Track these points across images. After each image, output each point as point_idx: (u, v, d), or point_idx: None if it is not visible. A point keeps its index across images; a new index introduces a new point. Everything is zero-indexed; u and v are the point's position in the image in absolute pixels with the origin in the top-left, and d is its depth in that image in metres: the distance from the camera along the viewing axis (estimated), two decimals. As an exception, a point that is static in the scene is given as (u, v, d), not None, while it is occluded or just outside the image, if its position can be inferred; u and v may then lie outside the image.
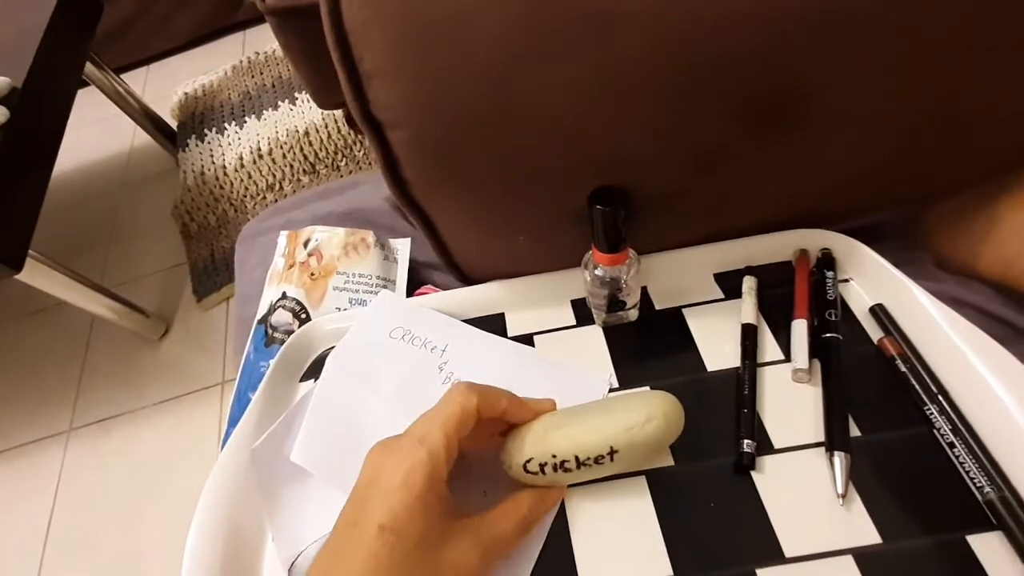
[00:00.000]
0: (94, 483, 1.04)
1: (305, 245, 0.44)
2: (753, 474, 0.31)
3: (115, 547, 0.96)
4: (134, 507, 0.99)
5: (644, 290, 0.40)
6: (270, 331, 0.42)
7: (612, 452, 0.28)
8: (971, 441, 0.29)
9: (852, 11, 0.26)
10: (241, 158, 1.37)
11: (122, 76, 1.35)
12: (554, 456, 0.29)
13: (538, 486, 0.30)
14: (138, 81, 1.71)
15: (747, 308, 0.37)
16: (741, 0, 0.25)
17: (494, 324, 0.40)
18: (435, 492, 0.26)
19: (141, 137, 1.52)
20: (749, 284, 0.38)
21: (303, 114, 1.42)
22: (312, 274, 0.42)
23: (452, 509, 0.27)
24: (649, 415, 0.29)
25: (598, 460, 0.29)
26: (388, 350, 0.38)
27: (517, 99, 0.28)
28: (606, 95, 0.28)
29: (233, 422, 0.39)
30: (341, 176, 1.29)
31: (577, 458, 0.29)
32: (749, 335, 0.36)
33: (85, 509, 1.01)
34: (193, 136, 1.47)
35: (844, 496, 0.29)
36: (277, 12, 0.66)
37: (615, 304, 0.37)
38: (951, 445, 0.30)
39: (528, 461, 0.29)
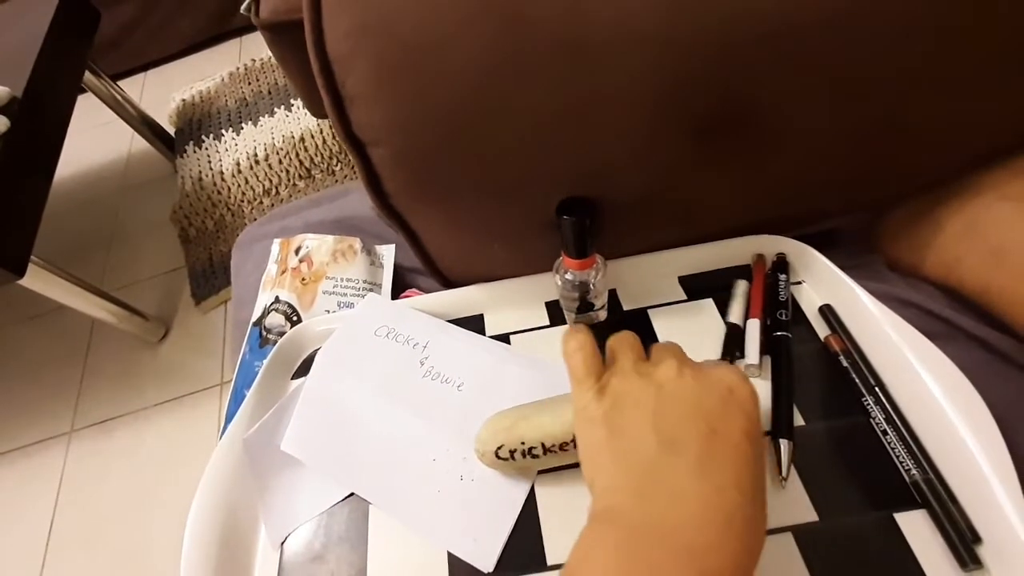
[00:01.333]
0: (96, 484, 1.06)
1: (296, 252, 0.46)
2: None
3: (117, 547, 0.98)
4: (135, 507, 1.01)
5: (613, 292, 0.43)
6: (264, 333, 0.45)
7: (575, 440, 0.31)
8: (902, 428, 0.32)
9: (798, 38, 0.29)
10: (238, 163, 1.40)
11: (120, 83, 1.37)
12: (523, 443, 0.32)
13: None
14: (136, 87, 1.74)
15: (735, 309, 0.39)
16: (700, 26, 0.28)
17: (474, 324, 0.43)
18: None
19: (139, 143, 1.54)
20: (741, 288, 0.40)
21: (299, 120, 1.44)
22: (303, 279, 0.45)
23: None
24: None
25: (563, 447, 0.31)
26: (373, 347, 0.41)
27: (490, 119, 0.31)
28: (575, 113, 0.31)
29: (230, 417, 0.42)
30: (336, 180, 1.32)
31: (543, 445, 0.31)
32: (734, 336, 0.38)
33: (87, 509, 1.03)
34: (191, 142, 1.49)
35: (786, 479, 0.32)
36: (270, 27, 0.68)
37: (585, 305, 0.40)
38: (884, 432, 0.32)
39: (499, 448, 0.32)
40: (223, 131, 1.49)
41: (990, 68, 0.32)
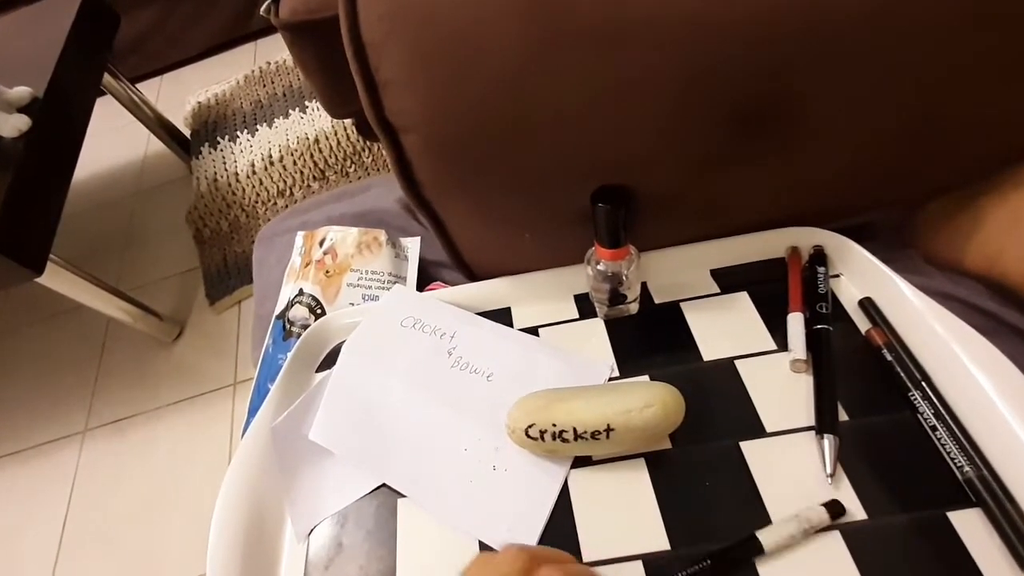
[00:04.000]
0: (109, 483, 1.06)
1: (321, 244, 0.46)
2: (747, 456, 0.32)
3: (129, 546, 0.97)
4: (148, 506, 1.01)
5: (644, 285, 0.42)
6: (288, 326, 0.44)
7: (608, 430, 0.30)
8: (952, 424, 0.31)
9: (841, 29, 0.28)
10: (253, 165, 1.40)
11: (137, 85, 1.39)
12: (554, 425, 0.31)
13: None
14: (152, 90, 1.75)
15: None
16: (738, 12, 0.28)
17: (501, 318, 0.42)
18: None
19: (155, 145, 1.55)
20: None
21: (313, 122, 1.45)
22: (327, 272, 0.45)
23: None
24: (648, 402, 0.31)
25: (595, 435, 0.31)
26: (399, 337, 0.40)
27: (525, 105, 0.31)
28: (610, 101, 0.30)
29: (253, 411, 0.41)
30: (350, 181, 1.32)
31: (575, 430, 0.31)
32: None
33: (100, 508, 1.03)
34: (206, 144, 1.50)
35: (832, 476, 0.31)
36: (291, 27, 0.69)
37: (616, 298, 0.39)
38: (933, 428, 0.31)
39: (530, 427, 0.31)
40: (238, 133, 1.50)
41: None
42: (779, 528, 0.29)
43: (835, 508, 0.29)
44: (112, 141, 1.59)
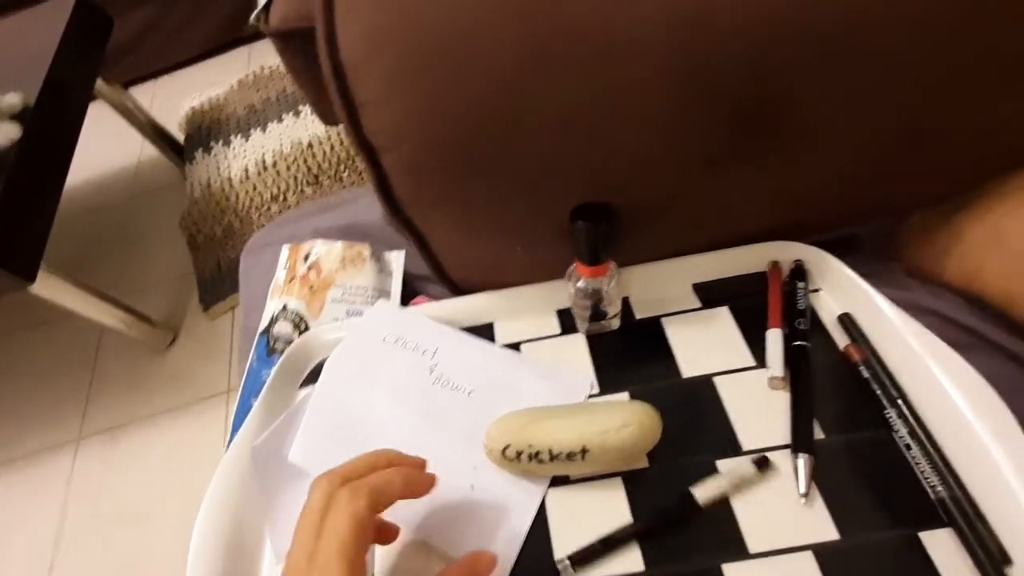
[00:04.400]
0: (103, 490, 1.06)
1: (305, 259, 0.46)
2: (721, 474, 0.33)
3: (124, 553, 0.97)
4: (143, 513, 1.01)
5: (625, 300, 0.42)
6: (272, 342, 0.44)
7: (584, 451, 0.30)
8: (926, 443, 0.31)
9: (837, 36, 0.28)
10: (246, 170, 1.40)
11: (130, 90, 1.39)
12: (530, 446, 0.31)
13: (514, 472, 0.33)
14: (146, 95, 1.75)
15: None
16: (732, 17, 0.27)
17: (484, 333, 0.42)
18: None
19: (149, 150, 1.55)
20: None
21: (306, 127, 1.45)
22: (311, 287, 0.45)
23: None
24: (625, 422, 0.31)
25: (570, 456, 0.31)
26: (382, 354, 0.40)
27: (512, 114, 0.30)
28: (601, 105, 0.30)
29: (237, 427, 0.42)
30: (344, 186, 1.32)
31: (551, 451, 0.31)
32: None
33: (95, 516, 1.03)
34: (200, 149, 1.50)
35: (807, 495, 0.31)
36: (280, 34, 0.69)
37: (597, 314, 0.39)
38: (908, 447, 0.31)
39: (506, 447, 0.32)
40: (232, 138, 1.49)
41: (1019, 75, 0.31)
42: (710, 484, 0.31)
43: (762, 463, 0.32)
44: (105, 146, 1.59)
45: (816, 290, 0.40)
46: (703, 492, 0.31)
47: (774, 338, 0.37)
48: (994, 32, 0.29)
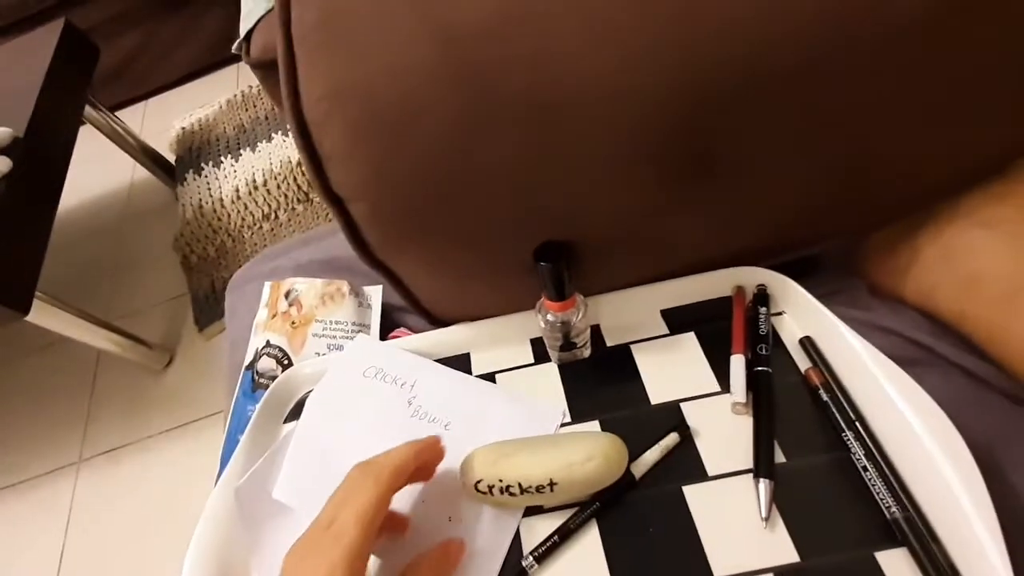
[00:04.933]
0: (105, 513, 1.07)
1: (287, 296, 0.47)
2: (688, 500, 0.34)
3: (128, 574, 0.99)
4: (146, 534, 1.02)
5: (596, 328, 0.43)
6: (256, 377, 0.46)
7: (552, 484, 0.32)
8: (882, 464, 0.32)
9: (761, 88, 0.29)
10: (237, 190, 1.42)
11: (120, 112, 1.40)
12: (500, 480, 0.32)
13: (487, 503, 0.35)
14: (136, 116, 1.76)
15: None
16: (665, 84, 0.29)
17: (460, 363, 0.44)
18: None
19: (140, 172, 1.57)
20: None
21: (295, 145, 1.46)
22: (293, 323, 0.46)
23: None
24: (590, 455, 0.32)
25: (539, 489, 0.32)
26: (362, 389, 0.41)
27: (460, 178, 0.32)
28: (544, 170, 0.32)
29: (224, 463, 0.43)
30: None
31: (520, 485, 0.32)
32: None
33: (97, 539, 1.04)
34: (191, 170, 1.52)
35: (767, 519, 0.32)
36: (261, 65, 0.70)
37: (568, 344, 0.40)
38: (864, 469, 0.33)
39: (479, 482, 0.33)
40: (222, 158, 1.51)
41: (958, 99, 0.32)
42: (644, 459, 0.35)
43: (682, 429, 0.36)
44: (97, 170, 1.61)
45: (780, 313, 0.41)
46: (637, 468, 0.35)
47: (737, 364, 0.38)
48: (922, 75, 0.30)
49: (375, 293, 0.48)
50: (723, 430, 0.36)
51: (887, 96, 0.31)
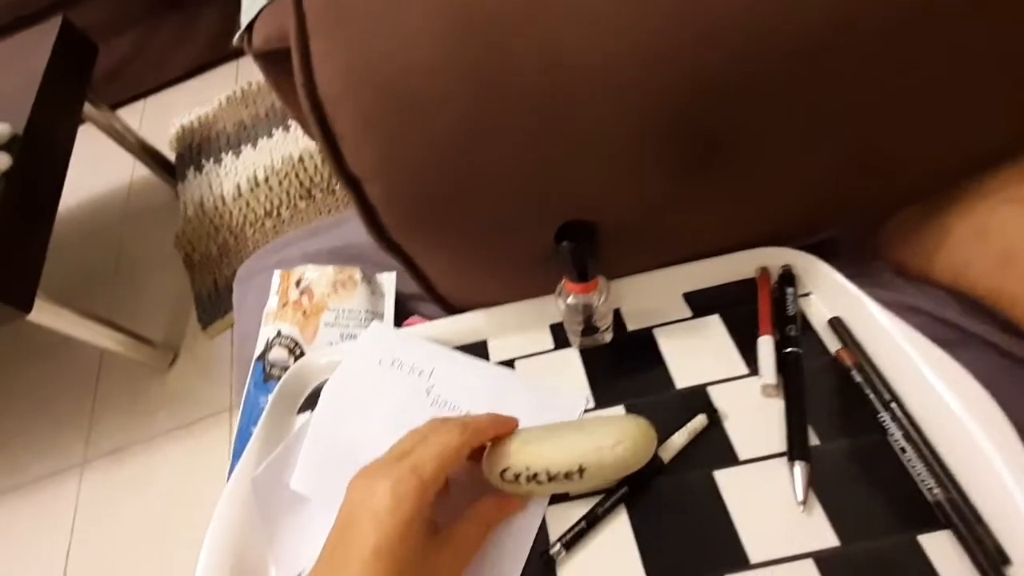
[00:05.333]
0: (111, 513, 1.06)
1: (297, 284, 0.46)
2: (720, 485, 0.33)
3: (134, 574, 0.98)
4: (151, 534, 1.01)
5: (617, 312, 0.42)
6: (268, 368, 0.45)
7: (581, 470, 0.31)
8: (921, 446, 0.31)
9: (775, 73, 0.29)
10: (239, 187, 1.40)
11: (119, 111, 1.39)
12: (527, 468, 0.31)
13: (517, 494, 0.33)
14: (135, 115, 1.75)
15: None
16: (677, 71, 0.28)
17: (478, 351, 0.42)
18: (422, 516, 0.28)
19: (141, 171, 1.55)
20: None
21: (297, 141, 1.45)
22: (304, 312, 0.45)
23: (434, 528, 0.30)
24: (619, 439, 0.31)
25: (568, 476, 0.31)
26: (378, 378, 0.40)
27: (473, 163, 0.31)
28: (558, 155, 0.31)
29: (237, 455, 0.42)
30: (337, 199, 1.32)
31: (548, 472, 0.31)
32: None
33: (103, 540, 1.04)
34: (191, 167, 1.50)
35: (804, 503, 0.31)
36: (265, 55, 0.69)
37: (589, 329, 0.39)
38: (903, 450, 0.32)
39: (504, 471, 0.32)
40: (223, 155, 1.50)
41: (979, 77, 0.31)
42: (672, 443, 0.34)
43: (710, 411, 0.35)
44: (97, 169, 1.59)
45: (807, 294, 0.40)
46: (665, 452, 0.34)
47: (765, 345, 0.37)
48: (931, 57, 0.29)
49: (388, 280, 0.47)
50: (753, 413, 0.35)
51: (900, 80, 0.30)
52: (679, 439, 0.34)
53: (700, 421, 0.35)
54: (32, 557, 1.05)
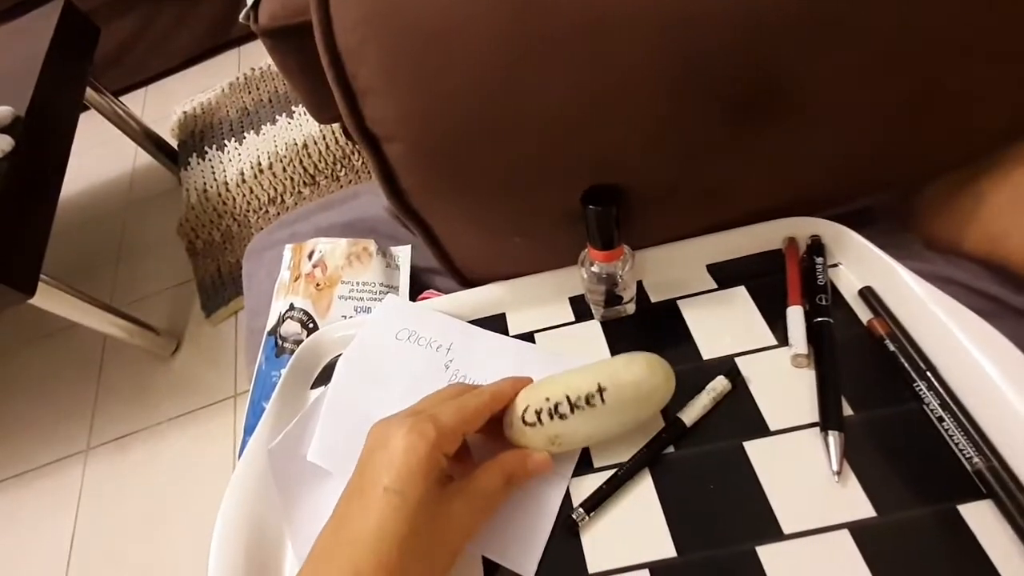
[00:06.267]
0: (114, 500, 1.06)
1: (310, 257, 0.45)
2: (751, 455, 0.32)
3: (138, 562, 0.97)
4: (155, 521, 1.01)
5: (640, 284, 0.41)
6: (280, 342, 0.44)
7: (601, 390, 0.30)
8: (959, 414, 0.30)
9: (826, 12, 0.27)
10: (242, 173, 1.39)
11: (121, 98, 1.37)
12: (547, 399, 0.31)
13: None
14: (137, 102, 1.74)
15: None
16: (722, 4, 0.27)
17: (496, 324, 0.41)
18: (435, 460, 0.28)
19: (143, 158, 1.54)
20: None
21: (301, 127, 1.43)
22: (318, 284, 0.44)
23: (447, 477, 0.29)
24: (630, 359, 0.32)
25: (589, 400, 0.30)
26: (395, 351, 0.39)
27: (510, 107, 0.30)
28: (597, 98, 0.29)
29: (249, 430, 0.41)
30: (341, 185, 1.31)
31: (568, 398, 0.30)
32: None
33: (107, 526, 1.03)
34: (194, 154, 1.49)
35: (839, 473, 0.30)
36: (271, 32, 0.67)
37: (612, 299, 0.38)
38: (940, 419, 0.31)
39: (525, 410, 0.31)
40: (225, 141, 1.48)
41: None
42: (694, 405, 0.34)
43: (732, 373, 0.35)
44: (99, 156, 1.58)
45: (835, 265, 0.39)
46: (687, 415, 0.33)
47: (795, 315, 0.36)
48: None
49: (404, 253, 0.46)
50: (783, 384, 0.34)
51: (958, 27, 0.29)
52: (701, 400, 0.34)
53: (721, 382, 0.34)
54: (37, 543, 1.05)
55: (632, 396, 0.31)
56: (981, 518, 0.28)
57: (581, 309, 0.41)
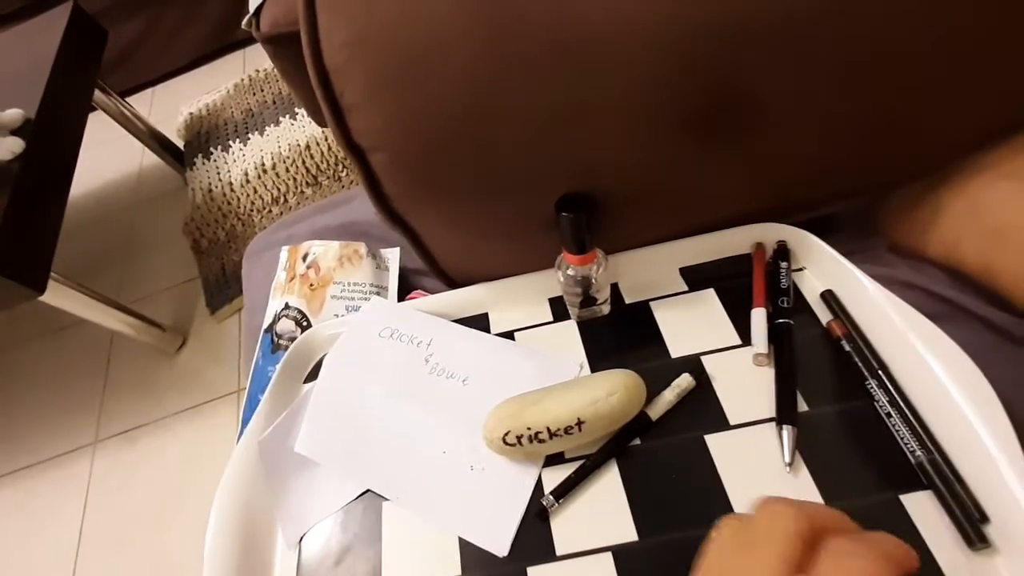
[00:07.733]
0: (121, 492, 1.09)
1: (304, 259, 0.48)
2: (711, 447, 0.34)
3: (145, 552, 1.00)
4: (161, 512, 1.04)
5: (615, 286, 0.43)
6: (276, 339, 0.46)
7: (580, 423, 0.32)
8: (906, 410, 0.32)
9: (792, 31, 0.29)
10: (246, 174, 1.42)
11: (128, 99, 1.40)
12: (529, 428, 0.33)
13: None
14: (144, 103, 1.77)
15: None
16: (692, 25, 0.29)
17: (479, 323, 0.44)
18: None
19: (150, 158, 1.57)
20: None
21: (303, 128, 1.46)
22: (311, 285, 0.46)
23: None
24: (611, 389, 0.33)
25: (568, 430, 0.32)
26: (378, 348, 0.42)
27: (486, 121, 0.32)
28: (569, 113, 0.31)
29: (246, 422, 0.43)
30: (343, 186, 1.34)
31: (549, 429, 0.32)
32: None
33: (114, 518, 1.06)
34: (199, 155, 1.52)
35: (791, 464, 0.32)
36: (272, 39, 0.70)
37: (588, 300, 0.40)
38: (888, 415, 0.33)
39: (506, 434, 0.33)
40: (230, 142, 1.51)
41: (987, 51, 0.32)
42: (660, 401, 0.36)
43: (697, 371, 0.36)
44: (106, 155, 1.61)
45: (800, 269, 0.41)
46: (653, 410, 0.35)
47: (758, 317, 0.38)
48: (945, 20, 0.30)
49: (393, 255, 0.48)
50: (744, 381, 0.36)
51: (920, 45, 0.31)
52: (666, 396, 0.36)
53: (686, 379, 0.36)
54: (47, 532, 1.08)
55: (607, 423, 0.34)
56: (922, 507, 0.30)
57: (559, 309, 0.43)
